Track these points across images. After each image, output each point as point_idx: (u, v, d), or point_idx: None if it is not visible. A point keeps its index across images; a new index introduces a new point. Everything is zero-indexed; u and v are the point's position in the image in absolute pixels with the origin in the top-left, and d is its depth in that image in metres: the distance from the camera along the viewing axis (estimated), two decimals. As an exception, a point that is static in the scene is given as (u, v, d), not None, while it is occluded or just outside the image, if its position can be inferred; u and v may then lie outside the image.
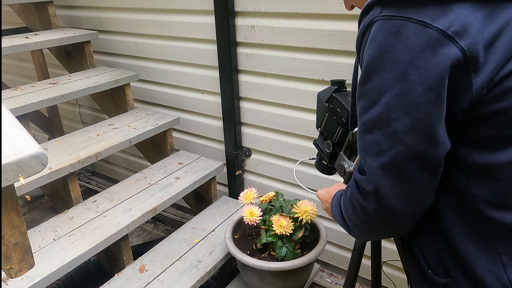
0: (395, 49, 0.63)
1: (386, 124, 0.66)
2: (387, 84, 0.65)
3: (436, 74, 0.61)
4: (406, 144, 0.65)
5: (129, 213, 1.77)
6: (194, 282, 1.64)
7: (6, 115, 0.76)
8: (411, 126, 0.64)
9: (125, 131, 2.09)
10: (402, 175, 0.67)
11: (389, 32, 0.64)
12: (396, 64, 0.63)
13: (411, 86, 0.63)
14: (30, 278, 1.42)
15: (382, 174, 0.68)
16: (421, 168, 0.66)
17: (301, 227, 1.64)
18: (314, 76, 1.77)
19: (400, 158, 0.66)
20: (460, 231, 0.72)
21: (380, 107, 0.66)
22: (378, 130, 0.67)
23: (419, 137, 0.64)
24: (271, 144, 2.05)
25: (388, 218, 0.71)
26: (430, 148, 0.65)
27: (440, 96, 0.63)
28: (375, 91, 0.67)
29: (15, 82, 2.98)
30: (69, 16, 2.62)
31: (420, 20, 0.61)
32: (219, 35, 1.94)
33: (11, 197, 0.67)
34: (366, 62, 0.68)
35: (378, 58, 0.65)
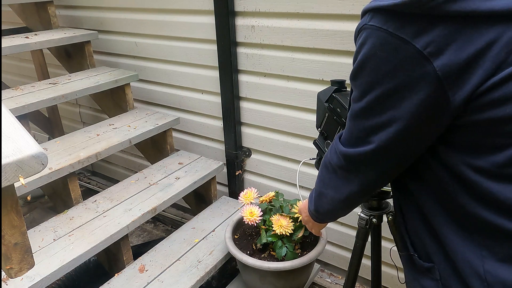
0: (377, 58, 0.69)
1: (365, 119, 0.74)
2: (368, 87, 0.72)
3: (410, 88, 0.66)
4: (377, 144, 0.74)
5: (129, 213, 1.77)
6: (194, 282, 1.64)
7: (6, 115, 0.76)
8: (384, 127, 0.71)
9: (125, 131, 2.09)
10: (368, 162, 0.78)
11: (373, 43, 0.69)
12: (377, 72, 0.69)
13: (387, 93, 0.69)
14: (30, 278, 1.42)
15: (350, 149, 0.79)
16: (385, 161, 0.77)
17: (301, 227, 1.64)
18: (314, 76, 1.77)
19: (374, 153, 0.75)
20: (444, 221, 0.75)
21: (362, 103, 0.74)
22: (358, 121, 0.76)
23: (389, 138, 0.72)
24: (271, 144, 2.05)
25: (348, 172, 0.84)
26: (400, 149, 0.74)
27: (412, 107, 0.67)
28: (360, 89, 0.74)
29: (15, 82, 2.98)
30: (69, 16, 2.62)
31: (400, 37, 0.65)
32: (219, 35, 1.94)
33: (11, 197, 0.67)
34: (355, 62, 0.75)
35: (364, 62, 0.72)
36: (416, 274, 0.85)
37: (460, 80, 0.64)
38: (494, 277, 0.70)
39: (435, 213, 0.76)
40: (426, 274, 0.81)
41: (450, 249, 0.75)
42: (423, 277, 0.82)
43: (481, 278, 0.70)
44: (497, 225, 0.69)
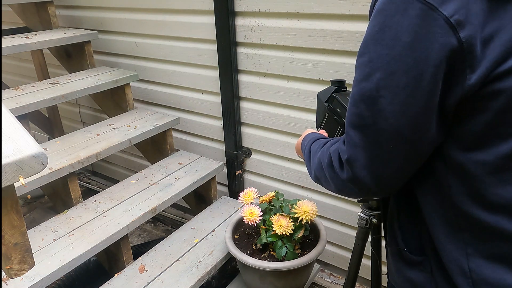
0: (398, 26, 0.62)
1: (374, 100, 0.66)
2: (383, 60, 0.64)
3: (432, 62, 0.61)
4: (389, 124, 0.65)
5: (129, 213, 1.77)
6: (194, 282, 1.64)
7: (6, 115, 0.76)
8: (398, 108, 0.64)
9: (125, 131, 2.09)
10: (377, 153, 0.68)
11: (397, 8, 0.62)
12: (396, 42, 0.62)
13: (406, 68, 0.62)
14: (30, 278, 1.42)
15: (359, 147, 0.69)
16: (397, 151, 0.67)
17: (301, 227, 1.64)
18: (314, 76, 1.77)
19: (380, 135, 0.67)
20: (434, 217, 0.75)
21: (371, 83, 0.66)
22: (364, 105, 0.67)
23: (404, 120, 0.65)
24: (271, 144, 2.05)
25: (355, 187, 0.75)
26: (412, 134, 0.66)
27: (432, 84, 0.62)
28: (370, 65, 0.66)
29: (15, 82, 2.98)
30: (69, 16, 2.62)
31: (428, 2, 0.60)
32: (219, 35, 1.94)
33: (11, 197, 0.67)
34: (368, 33, 0.67)
35: (380, 32, 0.64)
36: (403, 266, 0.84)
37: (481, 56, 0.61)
38: (479, 274, 0.70)
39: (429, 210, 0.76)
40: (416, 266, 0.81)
41: (437, 246, 0.75)
42: (411, 270, 0.82)
43: (466, 275, 0.71)
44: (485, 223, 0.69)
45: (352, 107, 0.70)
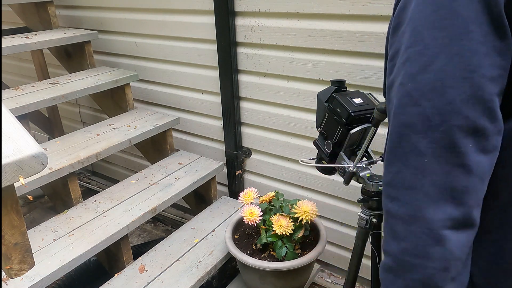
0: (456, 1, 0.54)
1: (440, 93, 0.55)
2: (444, 43, 0.54)
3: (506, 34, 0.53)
4: (464, 117, 0.54)
5: (129, 213, 1.77)
6: (194, 282, 1.64)
7: (6, 115, 0.76)
8: (471, 94, 0.54)
9: (125, 131, 2.09)
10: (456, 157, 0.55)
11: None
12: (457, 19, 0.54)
13: (473, 45, 0.53)
14: (30, 278, 1.42)
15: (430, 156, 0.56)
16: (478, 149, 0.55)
17: (301, 227, 1.64)
18: (314, 76, 1.77)
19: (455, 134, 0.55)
20: None
21: (431, 73, 0.55)
22: (427, 102, 0.56)
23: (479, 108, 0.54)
24: (271, 144, 2.05)
25: None
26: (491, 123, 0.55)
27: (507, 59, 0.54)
28: (426, 53, 0.56)
29: (15, 82, 2.98)
30: (69, 16, 2.62)
31: None
32: (219, 35, 1.94)
33: (11, 197, 0.67)
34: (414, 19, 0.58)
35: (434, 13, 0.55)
36: None
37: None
38: None
39: None
40: None
41: None
42: None
43: None
44: None
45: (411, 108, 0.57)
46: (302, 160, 1.41)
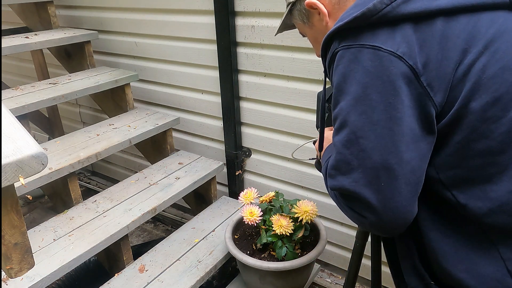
0: (355, 73, 0.70)
1: (353, 143, 0.71)
2: (351, 104, 0.71)
3: (393, 91, 0.68)
4: (373, 161, 0.69)
5: (129, 213, 1.77)
6: (194, 282, 1.64)
7: (6, 115, 0.76)
8: (377, 143, 0.69)
9: (125, 131, 2.09)
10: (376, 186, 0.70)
11: (349, 59, 0.71)
12: (357, 85, 0.70)
13: (373, 104, 0.69)
14: (30, 278, 1.42)
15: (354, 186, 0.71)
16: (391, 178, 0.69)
17: (301, 227, 1.64)
18: (314, 76, 1.77)
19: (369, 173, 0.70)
20: None
21: (347, 127, 0.72)
22: (346, 150, 0.72)
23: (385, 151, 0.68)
24: (271, 144, 2.05)
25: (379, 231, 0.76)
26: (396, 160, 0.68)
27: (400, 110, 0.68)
28: (342, 113, 0.72)
29: (15, 82, 2.98)
30: (69, 16, 2.62)
31: (372, 45, 0.69)
32: (219, 35, 1.94)
33: (11, 197, 0.67)
34: (334, 89, 0.75)
35: (342, 83, 0.72)
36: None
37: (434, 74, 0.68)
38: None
39: None
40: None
41: None
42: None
43: None
44: None
45: (337, 155, 0.74)
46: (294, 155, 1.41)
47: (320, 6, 0.85)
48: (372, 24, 0.70)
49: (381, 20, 0.69)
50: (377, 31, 0.69)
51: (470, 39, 0.69)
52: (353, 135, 0.71)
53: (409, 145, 0.69)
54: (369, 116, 0.69)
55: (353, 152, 0.71)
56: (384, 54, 0.68)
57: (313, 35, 0.96)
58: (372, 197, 0.69)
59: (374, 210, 0.70)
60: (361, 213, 0.73)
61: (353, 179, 0.71)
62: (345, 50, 0.72)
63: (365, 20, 0.70)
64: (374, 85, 0.68)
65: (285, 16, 0.98)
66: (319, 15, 0.87)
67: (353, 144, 0.71)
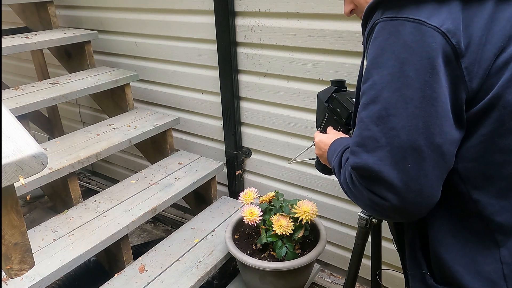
0: (393, 47, 0.67)
1: (384, 120, 0.68)
2: (386, 80, 0.67)
3: (431, 70, 0.65)
4: (402, 140, 0.66)
5: (129, 213, 1.77)
6: (194, 282, 1.64)
7: (6, 115, 0.76)
8: (408, 122, 0.66)
9: (125, 131, 2.09)
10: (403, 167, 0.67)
11: (389, 32, 0.68)
12: (395, 60, 0.67)
13: (408, 81, 0.66)
14: (30, 278, 1.42)
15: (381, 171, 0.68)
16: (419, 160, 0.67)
17: (301, 227, 1.64)
18: (314, 76, 1.77)
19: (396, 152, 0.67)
20: None
21: (379, 103, 0.68)
22: (375, 126, 0.68)
23: (416, 132, 0.66)
24: (271, 144, 2.05)
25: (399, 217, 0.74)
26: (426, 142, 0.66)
27: (436, 90, 0.65)
28: (375, 87, 0.69)
29: (15, 82, 2.98)
30: (69, 16, 2.62)
31: (416, 19, 0.65)
32: (219, 35, 1.94)
33: (11, 197, 0.67)
34: (368, 61, 0.72)
35: (379, 56, 0.69)
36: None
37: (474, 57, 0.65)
38: None
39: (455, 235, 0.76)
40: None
41: None
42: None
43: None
44: None
45: (363, 131, 0.70)
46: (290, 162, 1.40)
47: None
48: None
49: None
50: (423, 4, 0.66)
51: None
52: (384, 111, 0.67)
53: (442, 128, 0.66)
54: (403, 94, 0.66)
55: (382, 129, 0.68)
56: (427, 29, 0.65)
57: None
58: (396, 178, 0.67)
59: (397, 191, 0.67)
60: (381, 195, 0.69)
61: (379, 157, 0.68)
62: (386, 22, 0.68)
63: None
64: (412, 61, 0.65)
65: None
66: None
67: (383, 121, 0.67)
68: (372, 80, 0.70)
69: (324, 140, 1.01)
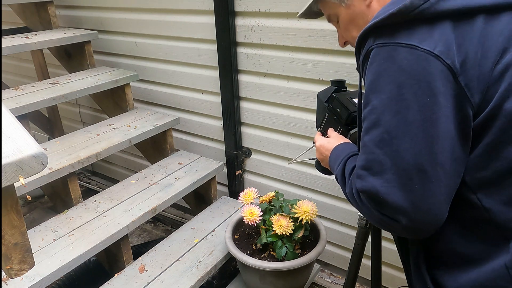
0: (389, 71, 0.68)
1: (387, 143, 0.69)
2: (386, 104, 0.69)
3: (429, 92, 0.66)
4: (406, 162, 0.68)
5: (129, 213, 1.77)
6: (194, 282, 1.64)
7: (6, 115, 0.76)
8: (411, 144, 0.67)
9: (125, 131, 2.09)
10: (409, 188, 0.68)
11: (383, 57, 0.69)
12: (392, 85, 0.68)
13: (407, 104, 0.67)
14: (30, 278, 1.42)
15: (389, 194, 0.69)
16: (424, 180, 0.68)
17: (301, 227, 1.64)
18: (314, 76, 1.77)
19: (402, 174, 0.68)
20: None
21: (380, 127, 0.70)
22: (379, 149, 0.70)
23: (419, 153, 0.67)
24: (271, 144, 2.05)
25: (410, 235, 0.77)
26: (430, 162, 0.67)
27: (436, 112, 0.66)
28: (375, 111, 0.71)
29: (15, 82, 2.98)
30: (69, 16, 2.62)
31: (408, 44, 0.67)
32: (219, 35, 1.94)
33: (11, 197, 0.67)
34: (366, 87, 0.73)
35: (375, 81, 0.70)
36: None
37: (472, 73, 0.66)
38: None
39: None
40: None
41: None
42: None
43: None
44: None
45: (368, 155, 0.72)
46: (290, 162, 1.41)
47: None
48: (409, 21, 0.68)
49: (419, 17, 0.67)
50: (414, 28, 0.67)
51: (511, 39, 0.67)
52: (386, 134, 0.69)
53: (444, 148, 0.67)
54: (403, 116, 0.67)
55: (386, 152, 0.69)
56: (421, 53, 0.66)
57: (349, 17, 0.89)
58: (404, 199, 0.68)
59: (406, 212, 0.68)
60: (391, 216, 0.71)
61: (386, 179, 0.69)
62: (379, 48, 0.70)
63: (401, 17, 0.68)
64: (409, 84, 0.66)
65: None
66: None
67: (386, 144, 0.69)
68: (371, 105, 0.71)
69: (325, 145, 1.02)
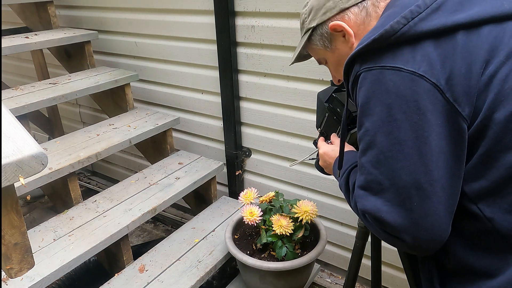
0: (377, 94, 0.71)
1: (383, 163, 0.71)
2: (378, 125, 0.71)
3: (418, 111, 0.68)
4: (404, 180, 0.69)
5: (129, 213, 1.77)
6: (194, 282, 1.64)
7: (6, 115, 0.76)
8: (406, 162, 0.69)
9: (125, 131, 2.09)
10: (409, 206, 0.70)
11: (370, 81, 0.72)
12: (381, 106, 0.70)
13: (398, 124, 0.69)
14: (30, 278, 1.42)
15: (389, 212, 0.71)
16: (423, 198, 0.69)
17: (301, 227, 1.64)
18: (314, 76, 1.77)
19: (401, 192, 0.70)
20: None
21: (375, 148, 0.72)
22: (376, 170, 0.72)
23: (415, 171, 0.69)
24: (271, 144, 2.05)
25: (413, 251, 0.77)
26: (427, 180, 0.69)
27: (426, 130, 0.68)
28: (368, 133, 0.73)
29: (15, 82, 2.98)
30: (69, 16, 2.62)
31: (393, 66, 0.69)
32: (219, 35, 1.94)
33: (11, 197, 0.67)
34: (358, 110, 0.76)
35: (366, 104, 0.73)
36: None
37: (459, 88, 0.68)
38: None
39: None
40: None
41: None
42: None
43: None
44: None
45: (367, 176, 0.74)
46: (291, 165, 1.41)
47: (346, 27, 0.84)
48: (392, 45, 0.70)
49: (400, 40, 0.69)
50: (398, 51, 0.70)
51: (492, 50, 0.68)
52: (382, 155, 0.71)
53: (438, 164, 0.68)
54: (396, 136, 0.69)
55: (383, 172, 0.71)
56: (406, 75, 0.68)
57: (336, 59, 0.94)
58: (405, 218, 0.69)
59: (408, 231, 0.70)
60: (395, 235, 0.72)
61: (386, 198, 0.71)
62: (367, 72, 0.72)
63: (384, 42, 0.70)
64: (398, 105, 0.69)
65: (303, 44, 0.95)
66: (344, 37, 0.87)
67: (382, 164, 0.71)
68: (364, 127, 0.74)
69: (329, 153, 1.06)
